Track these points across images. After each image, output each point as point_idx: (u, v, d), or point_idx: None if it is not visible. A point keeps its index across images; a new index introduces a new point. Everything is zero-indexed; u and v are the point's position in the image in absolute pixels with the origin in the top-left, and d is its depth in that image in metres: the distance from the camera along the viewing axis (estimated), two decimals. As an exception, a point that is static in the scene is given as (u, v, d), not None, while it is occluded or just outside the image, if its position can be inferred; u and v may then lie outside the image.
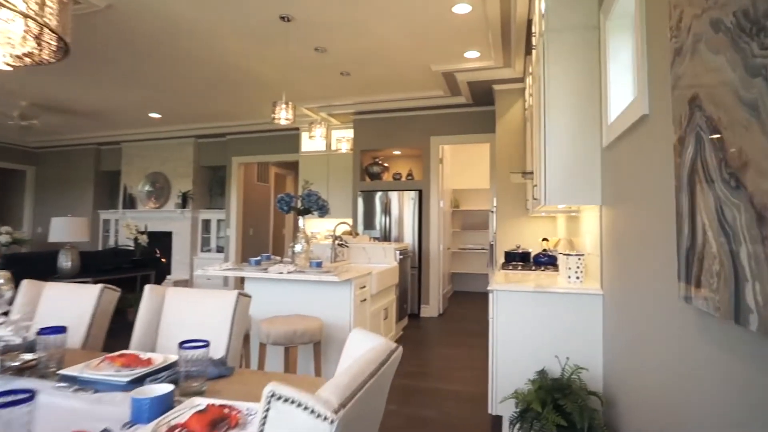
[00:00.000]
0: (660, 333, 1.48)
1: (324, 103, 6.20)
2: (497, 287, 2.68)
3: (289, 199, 3.88)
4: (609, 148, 2.28)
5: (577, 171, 2.56)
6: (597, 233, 2.61)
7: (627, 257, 1.94)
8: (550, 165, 2.61)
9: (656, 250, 1.51)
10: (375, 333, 1.14)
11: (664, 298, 1.44)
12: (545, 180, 2.62)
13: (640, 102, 1.65)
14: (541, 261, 3.72)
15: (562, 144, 2.59)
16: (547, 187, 2.61)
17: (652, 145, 1.56)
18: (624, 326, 1.99)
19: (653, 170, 1.55)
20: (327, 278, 3.19)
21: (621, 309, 2.05)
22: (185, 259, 8.55)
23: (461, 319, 6.08)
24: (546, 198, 2.62)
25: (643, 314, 1.69)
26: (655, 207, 1.52)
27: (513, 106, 5.27)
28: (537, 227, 5.11)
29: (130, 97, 6.13)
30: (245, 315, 1.80)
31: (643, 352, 1.69)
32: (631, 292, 1.87)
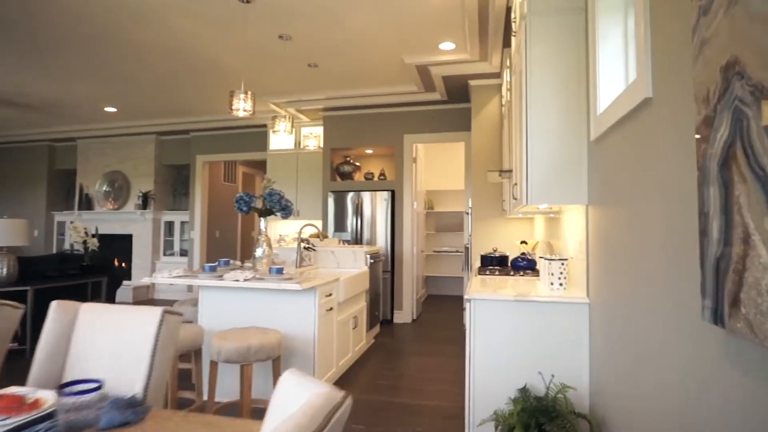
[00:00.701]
0: (671, 356, 1.23)
1: (292, 98, 5.87)
2: (475, 296, 2.42)
3: (248, 199, 3.56)
4: (598, 141, 2.05)
5: (562, 168, 2.33)
6: (582, 236, 2.38)
7: (621, 264, 1.70)
8: (532, 162, 2.37)
9: (663, 256, 1.27)
10: (314, 379, 0.86)
11: (676, 315, 1.19)
12: (527, 178, 2.38)
13: (642, 84, 1.41)
14: (520, 265, 3.49)
15: (545, 138, 2.35)
16: (529, 185, 2.37)
17: (657, 133, 1.32)
18: (617, 342, 1.75)
19: (658, 163, 1.31)
20: (287, 286, 2.89)
21: (612, 322, 1.82)
22: (146, 263, 8.08)
23: (436, 325, 5.83)
24: (527, 197, 2.38)
25: (643, 331, 1.45)
26: (661, 205, 1.28)
27: (489, 103, 5.06)
28: (514, 229, 4.91)
29: (81, 89, 5.69)
30: (172, 338, 1.48)
31: (644, 375, 1.45)
32: (626, 304, 1.63)
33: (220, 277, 3.12)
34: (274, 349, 2.64)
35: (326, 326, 3.35)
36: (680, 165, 1.16)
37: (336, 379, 3.69)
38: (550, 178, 2.34)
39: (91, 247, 5.15)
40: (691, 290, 1.10)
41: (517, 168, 2.80)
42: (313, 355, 3.15)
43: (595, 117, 2.04)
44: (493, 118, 5.03)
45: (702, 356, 1.05)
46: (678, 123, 1.18)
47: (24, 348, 4.31)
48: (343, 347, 3.76)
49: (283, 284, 2.90)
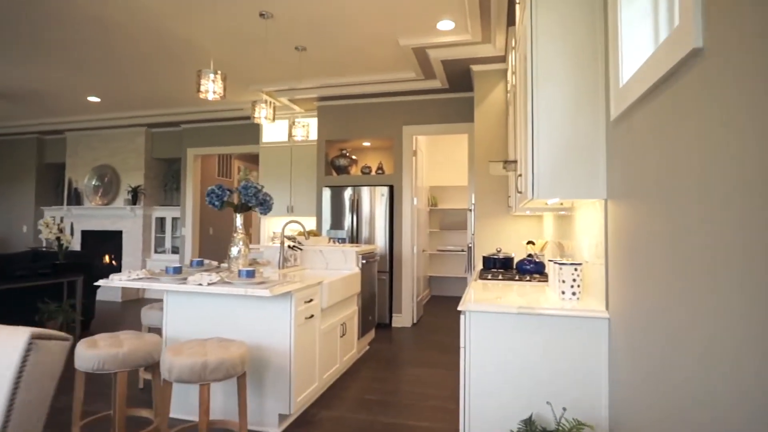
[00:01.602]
0: (739, 395, 0.84)
1: (282, 86, 5.49)
2: (471, 307, 2.03)
3: (220, 192, 3.19)
4: (620, 121, 1.64)
5: (574, 155, 1.93)
6: (599, 236, 1.98)
7: (654, 271, 1.30)
8: (539, 149, 1.97)
9: (732, 262, 0.87)
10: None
11: (756, 343, 0.79)
12: (533, 169, 1.99)
13: (686, 31, 1.01)
14: (526, 269, 3.09)
15: (554, 120, 1.95)
16: (536, 177, 1.98)
17: (710, 99, 0.92)
18: (651, 370, 1.35)
19: (717, 138, 0.91)
20: (255, 292, 2.51)
21: (643, 343, 1.42)
22: (137, 261, 7.76)
23: (437, 330, 5.44)
24: (534, 191, 1.98)
25: (696, 360, 1.05)
26: (724, 198, 0.88)
27: (494, 90, 4.64)
28: (520, 228, 4.50)
29: (56, 76, 5.35)
30: (49, 372, 1.10)
31: (697, 417, 1.05)
32: (666, 323, 1.24)
33: (183, 281, 2.75)
34: (236, 366, 2.26)
35: (306, 336, 2.97)
36: (746, 142, 0.76)
37: (320, 394, 3.32)
38: (560, 168, 1.94)
39: (66, 243, 4.81)
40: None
41: (522, 157, 2.40)
42: (288, 368, 2.77)
43: (616, 91, 1.64)
44: (497, 107, 4.62)
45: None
46: (744, 82, 0.78)
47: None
48: (328, 358, 3.38)
49: (250, 290, 2.52)
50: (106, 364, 2.35)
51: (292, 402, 2.77)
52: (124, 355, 2.39)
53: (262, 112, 3.66)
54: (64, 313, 4.66)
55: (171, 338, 2.99)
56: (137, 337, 2.57)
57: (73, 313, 4.73)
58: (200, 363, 2.17)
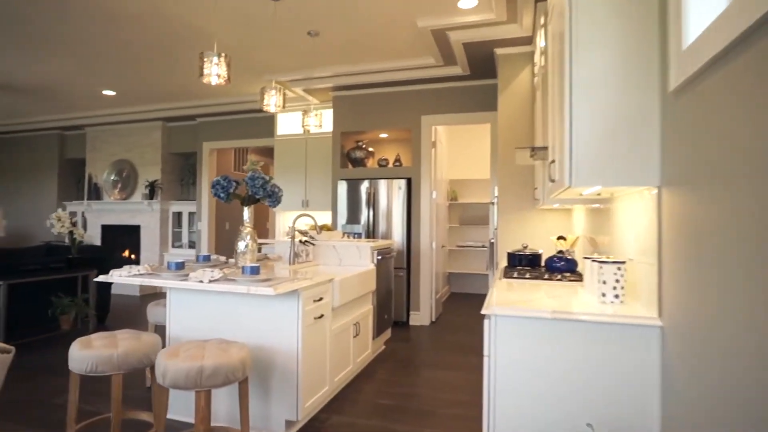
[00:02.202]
0: None
1: (296, 75, 5.29)
2: (496, 310, 1.79)
3: (226, 184, 2.99)
4: (683, 90, 1.37)
5: (621, 137, 1.66)
6: (648, 230, 1.71)
7: (729, 272, 1.04)
8: (578, 130, 1.70)
9: None
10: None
11: None
12: (571, 153, 1.72)
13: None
14: (556, 267, 2.82)
15: (597, 96, 1.68)
16: (575, 162, 1.71)
17: None
18: (718, 389, 1.09)
19: None
20: (258, 290, 2.30)
21: (709, 357, 1.15)
22: (154, 256, 7.69)
23: (457, 329, 5.19)
24: (572, 178, 1.71)
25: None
26: None
27: (519, 75, 4.35)
28: (547, 222, 4.21)
29: (70, 70, 5.24)
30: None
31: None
32: (742, 334, 0.97)
33: (184, 277, 2.57)
34: (236, 371, 2.06)
35: (315, 337, 2.76)
36: None
37: (330, 398, 3.11)
38: (603, 151, 1.68)
39: (79, 238, 4.71)
40: None
41: (556, 141, 2.13)
42: (296, 372, 2.56)
43: (678, 53, 1.37)
44: (523, 93, 4.32)
45: None
46: None
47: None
48: (340, 360, 3.17)
49: (253, 288, 2.32)
50: (99, 366, 2.18)
51: (300, 407, 2.57)
52: (119, 356, 2.21)
53: (271, 100, 3.46)
54: (77, 307, 4.56)
55: (174, 337, 2.82)
56: (135, 337, 2.39)
57: (86, 308, 4.63)
58: (196, 368, 1.97)
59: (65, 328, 4.49)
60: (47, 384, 3.40)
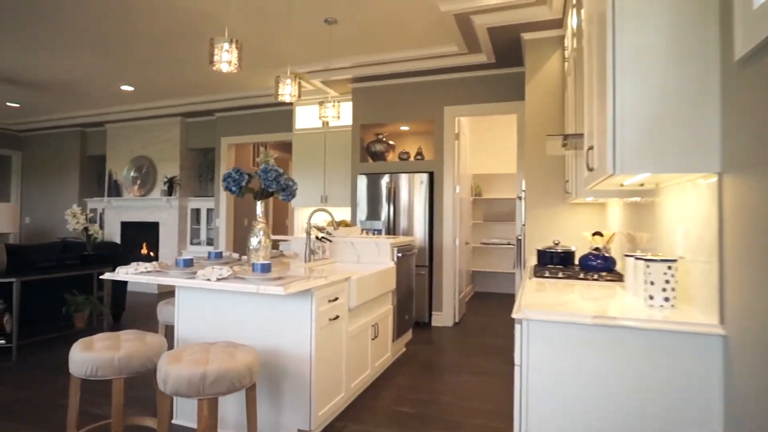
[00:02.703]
0: None
1: (314, 66, 5.14)
2: (529, 314, 1.59)
3: (238, 177, 2.84)
4: (752, 59, 1.15)
5: (673, 115, 1.43)
6: (705, 224, 1.49)
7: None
8: (623, 110, 1.48)
9: None
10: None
11: None
12: (615, 136, 1.50)
13: None
14: (592, 265, 2.58)
15: (645, 70, 1.46)
16: (619, 147, 1.49)
17: None
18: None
19: None
20: (268, 290, 2.14)
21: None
22: (173, 253, 7.67)
23: (482, 331, 4.97)
24: (616, 163, 1.49)
25: None
26: None
27: (548, 61, 4.10)
28: (579, 218, 3.95)
29: (87, 65, 5.20)
30: None
31: None
32: None
33: (192, 275, 2.42)
34: (242, 378, 1.90)
35: (330, 340, 2.59)
36: None
37: (347, 405, 2.94)
38: (652, 133, 1.45)
39: (94, 234, 4.65)
40: None
41: (594, 125, 1.91)
42: (309, 377, 2.40)
43: (746, 15, 1.14)
44: (552, 80, 4.07)
45: None
46: None
47: (10, 346, 3.84)
48: (357, 364, 3.00)
49: (262, 287, 2.16)
50: (99, 370, 2.05)
51: (313, 416, 2.40)
52: (121, 360, 2.08)
53: (286, 89, 3.30)
54: (92, 305, 4.50)
55: (183, 338, 2.68)
56: (139, 338, 2.26)
57: (100, 306, 4.57)
58: (199, 374, 1.82)
59: (79, 326, 4.43)
60: (55, 384, 3.32)
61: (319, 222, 6.35)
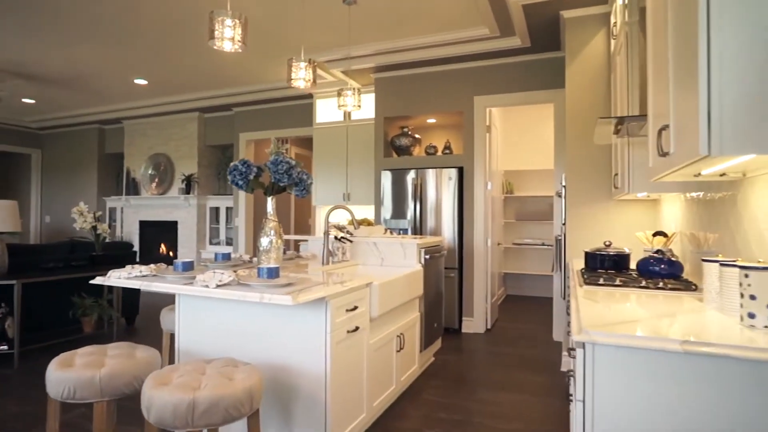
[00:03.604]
0: None
1: (334, 54, 4.82)
2: (596, 336, 1.23)
3: (245, 169, 2.54)
4: None
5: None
6: None
7: None
8: (721, 71, 1.10)
9: None
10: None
11: None
12: (709, 105, 1.12)
13: None
14: (654, 271, 2.18)
15: (755, 15, 1.08)
16: (716, 119, 1.11)
17: None
18: None
19: None
20: (273, 298, 1.82)
21: None
22: (191, 252, 7.48)
23: (516, 339, 4.57)
24: (714, 142, 1.11)
25: None
26: None
27: (591, 41, 3.68)
28: (628, 216, 3.53)
29: (98, 57, 5.00)
30: None
31: None
32: None
33: (190, 280, 2.12)
34: (239, 405, 1.58)
35: (348, 354, 2.25)
36: None
37: (368, 426, 2.59)
38: (765, 99, 1.07)
39: (103, 234, 4.43)
40: None
41: (671, 100, 1.51)
42: (324, 398, 2.07)
43: None
44: (596, 62, 3.65)
45: None
46: None
47: (12, 352, 3.64)
48: (380, 380, 2.65)
49: (267, 294, 1.83)
50: (78, 391, 1.76)
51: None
52: (103, 379, 1.78)
53: (300, 73, 2.98)
54: (101, 308, 4.28)
55: (184, 351, 2.39)
56: (128, 353, 1.97)
57: (110, 309, 4.35)
58: (186, 402, 1.51)
59: (88, 331, 4.22)
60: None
61: (339, 221, 6.04)
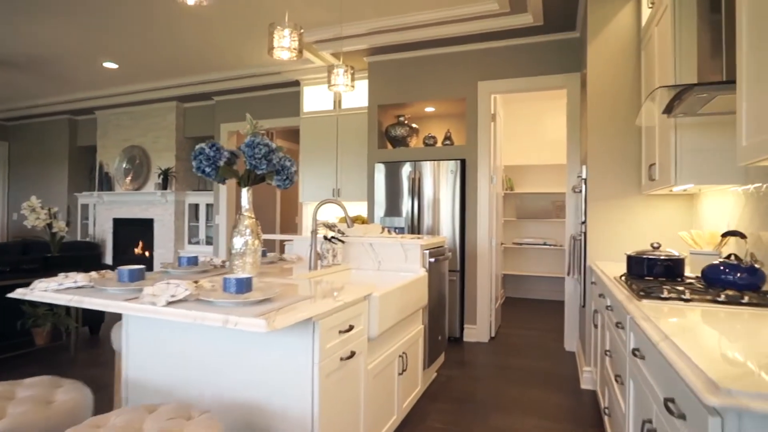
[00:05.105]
0: None
1: (323, 34, 4.32)
2: (748, 400, 0.75)
3: (214, 154, 2.04)
4: None
5: None
6: None
7: None
8: None
9: None
10: None
11: None
12: None
13: None
14: (729, 281, 1.73)
15: None
16: None
17: None
18: None
19: None
20: (241, 323, 1.33)
21: None
22: (169, 253, 6.92)
23: (524, 349, 4.11)
24: None
25: None
26: None
27: (617, 15, 3.24)
28: (661, 213, 3.09)
29: (60, 35, 4.45)
30: None
31: None
32: None
33: (136, 293, 1.62)
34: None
35: (342, 387, 1.77)
36: None
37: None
38: None
39: (60, 232, 3.89)
40: None
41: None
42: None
43: None
44: (623, 39, 3.21)
45: None
46: None
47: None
48: (380, 411, 2.18)
49: (233, 317, 1.34)
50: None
51: None
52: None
53: (283, 41, 2.48)
54: (56, 317, 3.74)
55: (133, 384, 1.89)
56: (43, 396, 1.47)
57: (67, 319, 3.81)
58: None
59: (40, 343, 3.68)
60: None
61: (330, 219, 5.55)
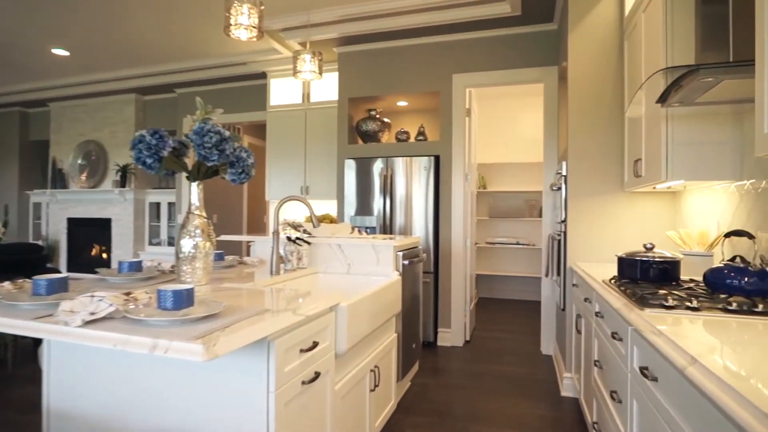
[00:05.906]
0: None
1: (290, 21, 4.06)
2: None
3: (156, 141, 1.78)
4: None
5: None
6: None
7: None
8: None
9: None
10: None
11: None
12: None
13: None
14: (736, 286, 1.58)
15: None
16: None
17: None
18: None
19: None
20: (172, 349, 1.08)
21: None
22: (128, 254, 6.52)
23: (499, 354, 3.95)
24: None
25: None
26: None
27: (596, 7, 3.09)
28: (644, 211, 2.96)
29: (1, 16, 4.05)
30: None
31: None
32: None
33: (50, 309, 1.35)
34: None
35: (304, 416, 1.53)
36: None
37: (333, 502, 1.88)
38: None
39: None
40: None
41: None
42: (267, 490, 1.35)
43: None
44: (605, 30, 3.07)
45: None
46: None
47: None
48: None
49: (164, 341, 1.09)
50: None
51: None
52: None
53: (241, 18, 2.22)
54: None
55: (57, 414, 1.61)
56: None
57: (4, 329, 3.44)
58: None
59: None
60: None
61: (297, 218, 5.28)
